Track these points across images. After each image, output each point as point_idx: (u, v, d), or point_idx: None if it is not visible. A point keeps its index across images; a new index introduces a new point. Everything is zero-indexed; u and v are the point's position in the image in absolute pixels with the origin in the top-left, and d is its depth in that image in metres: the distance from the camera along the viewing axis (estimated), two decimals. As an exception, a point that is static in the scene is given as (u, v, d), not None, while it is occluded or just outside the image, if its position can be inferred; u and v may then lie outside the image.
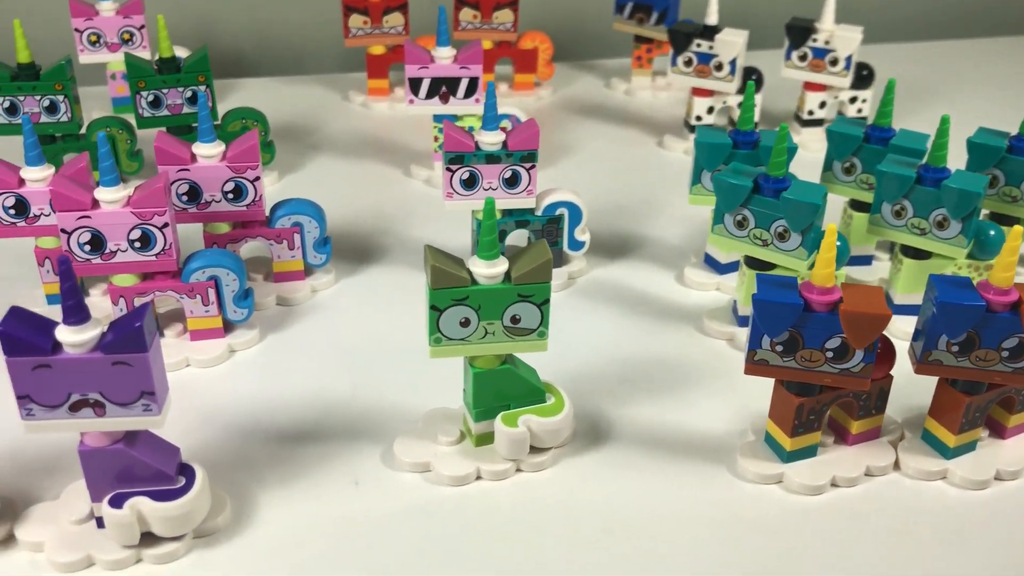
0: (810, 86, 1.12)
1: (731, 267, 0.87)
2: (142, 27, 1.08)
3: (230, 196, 0.79)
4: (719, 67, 1.07)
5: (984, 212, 0.84)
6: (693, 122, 1.11)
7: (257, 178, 0.79)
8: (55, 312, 0.71)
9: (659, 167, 1.10)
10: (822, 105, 1.13)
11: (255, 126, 1.00)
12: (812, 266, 0.75)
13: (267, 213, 0.83)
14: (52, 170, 0.77)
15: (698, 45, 1.07)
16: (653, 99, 1.27)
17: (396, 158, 1.10)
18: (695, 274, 0.87)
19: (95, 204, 0.71)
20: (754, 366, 0.63)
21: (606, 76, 1.33)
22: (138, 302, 0.75)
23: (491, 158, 0.81)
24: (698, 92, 1.10)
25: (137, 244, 0.72)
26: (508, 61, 1.26)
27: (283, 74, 1.37)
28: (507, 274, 0.61)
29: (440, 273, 0.60)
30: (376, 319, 0.83)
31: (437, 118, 1.03)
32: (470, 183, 0.82)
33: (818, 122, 1.14)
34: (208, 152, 0.78)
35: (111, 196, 0.71)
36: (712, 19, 1.07)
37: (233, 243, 0.82)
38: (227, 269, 0.75)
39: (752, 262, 0.78)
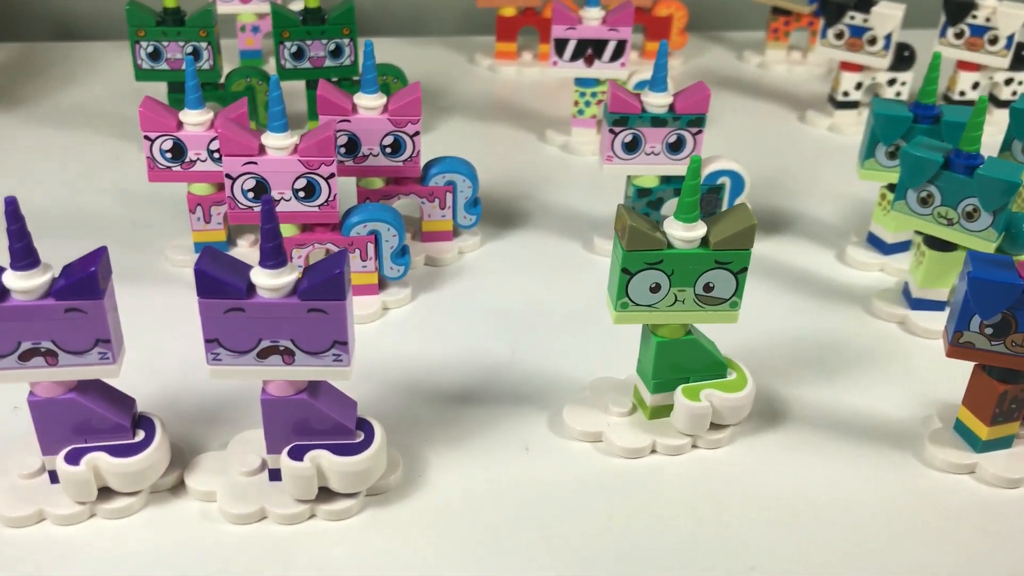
0: (964, 65, 1.07)
1: (896, 247, 0.83)
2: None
3: (388, 150, 0.77)
4: (872, 41, 1.02)
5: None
6: (840, 97, 1.07)
7: (416, 133, 0.77)
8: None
9: (804, 143, 1.06)
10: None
11: (396, 83, 0.98)
12: (1000, 248, 0.71)
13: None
14: (211, 114, 0.75)
15: (851, 18, 1.02)
16: (788, 73, 1.22)
17: (529, 123, 1.08)
18: (858, 253, 0.83)
19: (262, 150, 0.69)
20: (958, 348, 0.60)
21: (737, 48, 1.29)
22: (297, 254, 0.73)
23: (657, 121, 0.78)
24: (847, 67, 1.05)
25: (302, 194, 0.70)
26: (640, 28, 1.22)
27: (404, 34, 1.34)
28: (704, 239, 0.58)
29: (637, 234, 0.57)
30: (527, 283, 0.80)
31: (580, 82, 0.99)
32: (632, 146, 0.79)
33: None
34: (370, 104, 0.76)
35: (280, 143, 0.69)
36: (869, -10, 1.03)
37: (387, 199, 0.80)
38: (388, 224, 0.73)
39: (932, 242, 0.74)
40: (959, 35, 1.04)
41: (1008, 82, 1.08)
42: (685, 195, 0.57)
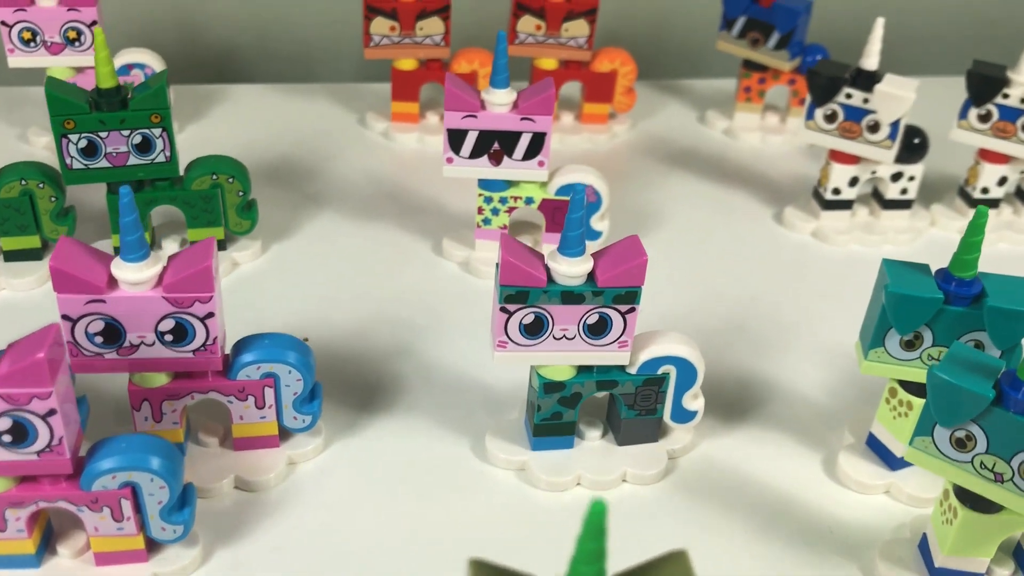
0: (988, 155, 0.83)
1: (907, 462, 0.59)
2: (93, 23, 0.81)
3: (168, 338, 0.52)
4: (874, 127, 0.78)
5: None
6: (829, 195, 0.82)
7: (210, 315, 0.52)
8: None
9: (778, 256, 0.81)
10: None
11: (230, 183, 0.73)
12: None
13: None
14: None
15: (847, 96, 0.78)
16: (762, 145, 0.97)
17: (425, 223, 0.82)
18: (854, 466, 0.59)
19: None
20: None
21: (699, 105, 1.03)
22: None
23: (569, 297, 0.53)
24: (839, 157, 0.81)
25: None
26: (577, 85, 0.97)
27: (286, 80, 1.08)
28: None
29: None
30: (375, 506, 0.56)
31: (485, 184, 0.74)
32: (535, 329, 0.54)
33: (845, 204, 0.83)
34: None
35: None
36: (871, 61, 0.77)
37: (173, 399, 0.55)
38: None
39: (966, 496, 0.50)
40: (984, 118, 0.80)
41: (896, 177, 0.82)
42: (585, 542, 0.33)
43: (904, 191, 0.83)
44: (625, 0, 1.12)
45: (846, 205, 0.83)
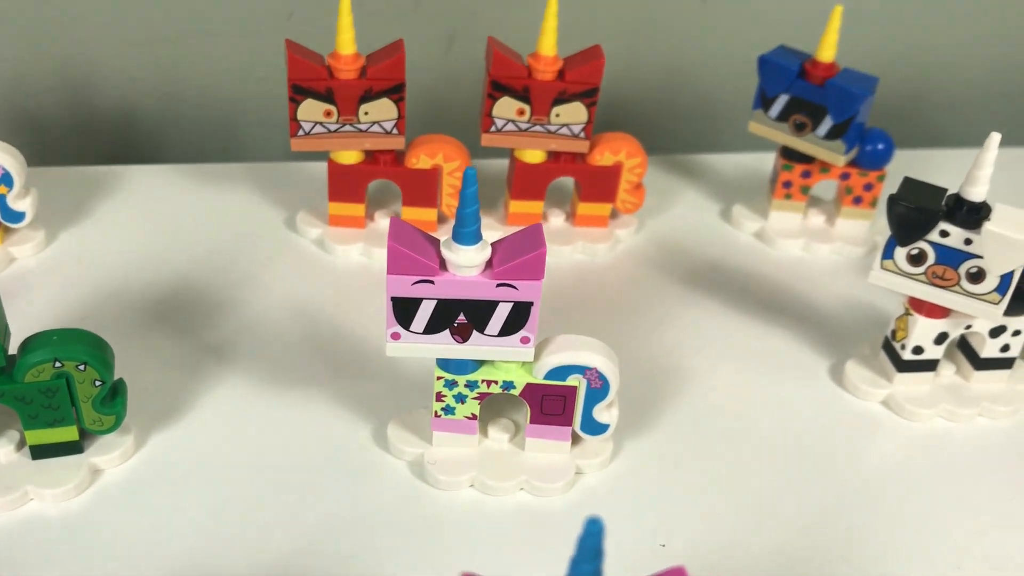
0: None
1: None
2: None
3: None
4: (977, 276, 0.57)
5: None
6: (908, 354, 0.62)
7: None
8: None
9: (840, 428, 0.61)
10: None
11: (81, 370, 0.51)
12: None
13: None
14: None
15: (943, 234, 0.57)
16: (805, 254, 0.76)
17: (370, 394, 0.61)
18: None
19: None
20: None
21: (723, 193, 0.82)
22: None
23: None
24: (925, 308, 0.60)
25: None
26: (571, 181, 0.76)
27: (190, 160, 0.86)
28: None
29: None
30: None
31: (444, 365, 0.53)
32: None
33: (929, 365, 0.62)
34: None
35: None
36: (977, 191, 0.56)
37: None
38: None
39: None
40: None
41: (996, 333, 0.61)
42: None
43: (1006, 348, 0.62)
44: (632, 60, 0.90)
45: (929, 366, 0.62)
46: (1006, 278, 0.57)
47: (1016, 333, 0.61)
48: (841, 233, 0.76)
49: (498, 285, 0.49)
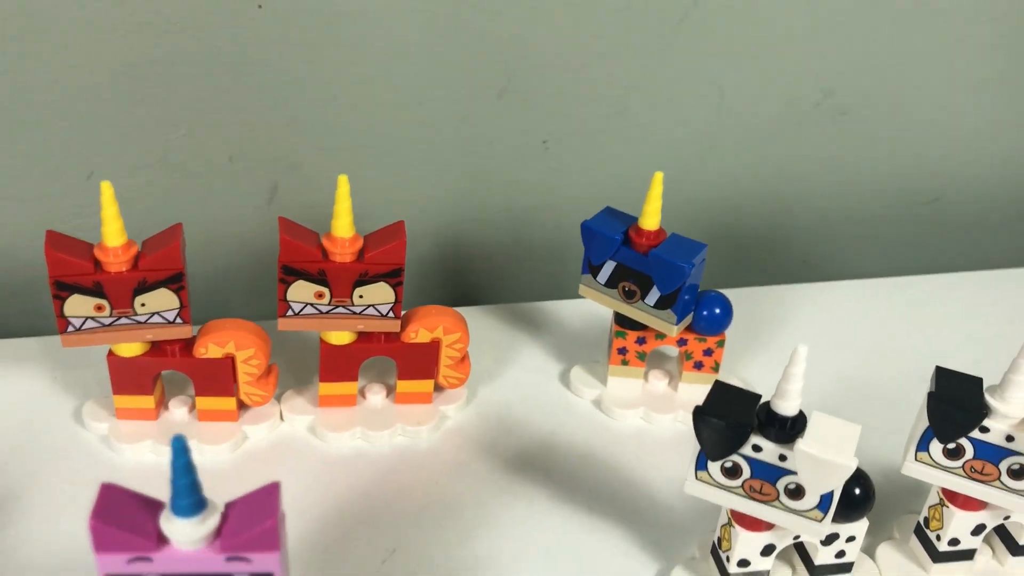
0: None
1: None
2: None
3: None
4: (796, 492, 0.52)
5: None
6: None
7: None
8: None
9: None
10: (978, 531, 0.58)
11: None
12: None
13: None
14: None
15: (756, 448, 0.52)
16: (645, 423, 0.71)
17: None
18: None
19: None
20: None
21: (557, 353, 0.76)
22: None
23: None
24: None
25: None
26: (388, 361, 0.70)
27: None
28: None
29: None
30: None
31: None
32: None
33: (966, 555, 0.58)
34: None
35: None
36: (788, 405, 0.50)
37: None
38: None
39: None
40: None
41: None
42: None
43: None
44: (474, 204, 0.85)
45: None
46: (826, 496, 0.52)
47: None
48: (683, 400, 0.71)
49: (227, 559, 0.43)
